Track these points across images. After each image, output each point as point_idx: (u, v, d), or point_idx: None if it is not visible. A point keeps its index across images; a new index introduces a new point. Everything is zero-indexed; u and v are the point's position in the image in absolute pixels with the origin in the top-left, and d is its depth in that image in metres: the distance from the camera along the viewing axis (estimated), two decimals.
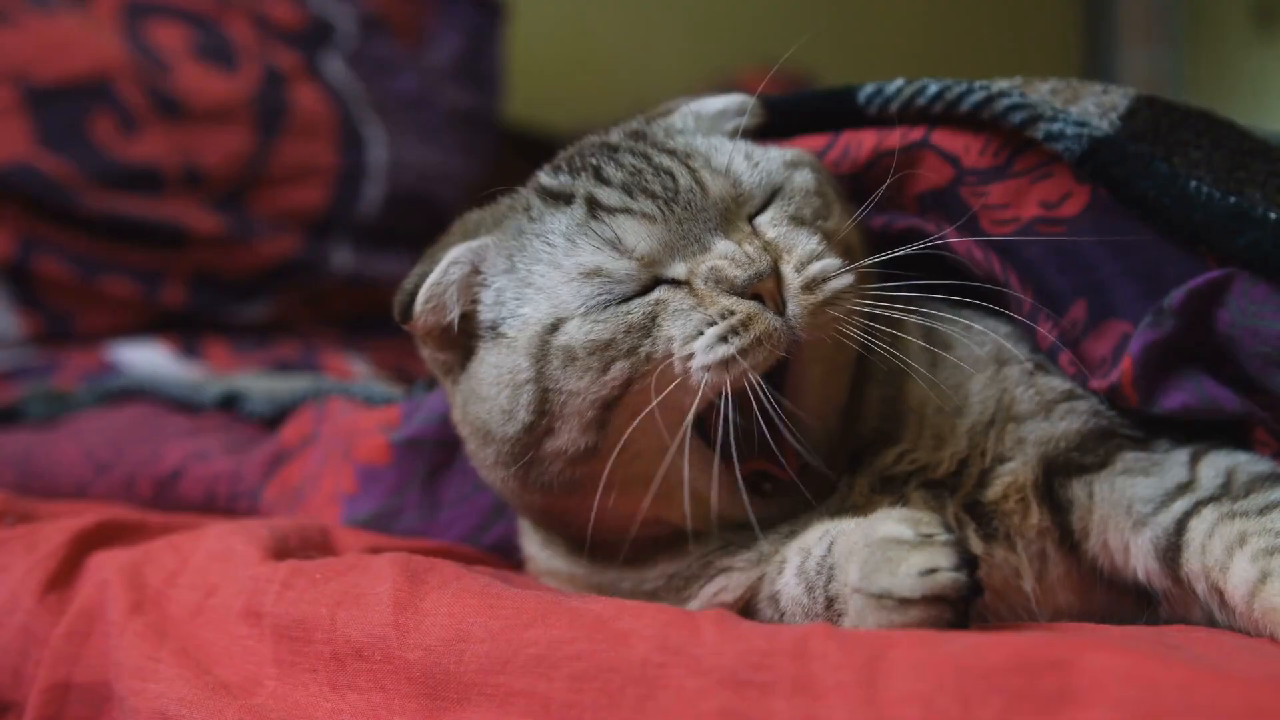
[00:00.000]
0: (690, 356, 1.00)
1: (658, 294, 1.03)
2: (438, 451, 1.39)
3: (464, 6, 3.21)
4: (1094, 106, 1.12)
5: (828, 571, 0.99)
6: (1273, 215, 1.02)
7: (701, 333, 1.00)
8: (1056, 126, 1.09)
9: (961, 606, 0.88)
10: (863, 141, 1.19)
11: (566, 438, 1.05)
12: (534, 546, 1.24)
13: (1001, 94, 1.12)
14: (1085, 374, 1.11)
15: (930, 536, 0.90)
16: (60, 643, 1.18)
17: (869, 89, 1.20)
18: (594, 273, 1.04)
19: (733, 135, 1.18)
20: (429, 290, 1.11)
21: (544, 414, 1.05)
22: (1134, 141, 1.09)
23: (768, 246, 1.04)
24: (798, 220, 1.08)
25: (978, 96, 1.13)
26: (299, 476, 1.52)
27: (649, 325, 1.02)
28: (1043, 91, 1.14)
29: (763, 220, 1.08)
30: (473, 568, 1.14)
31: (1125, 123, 1.11)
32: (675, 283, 1.04)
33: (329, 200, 2.69)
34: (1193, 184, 1.05)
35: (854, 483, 1.10)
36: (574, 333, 1.03)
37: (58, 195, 2.41)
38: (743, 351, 0.98)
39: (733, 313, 0.99)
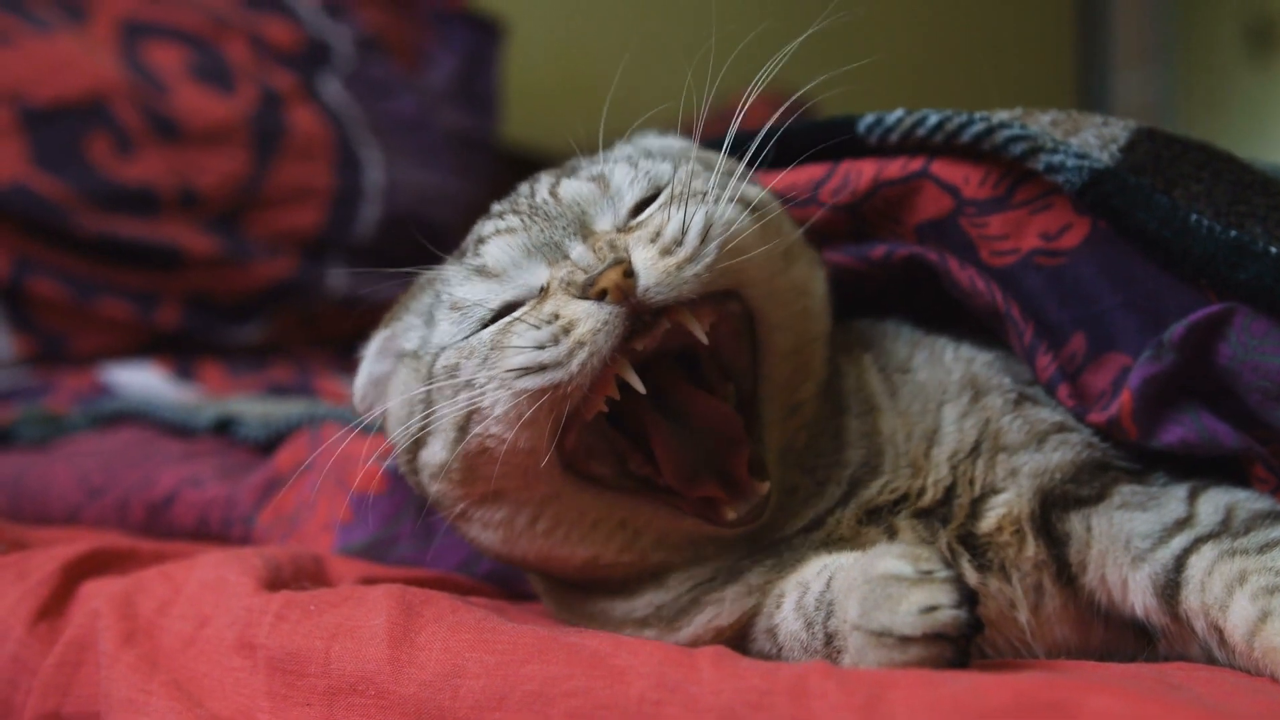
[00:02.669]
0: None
1: (516, 313, 1.03)
2: None
3: (461, 28, 3.22)
4: (1094, 138, 1.12)
5: (826, 607, 0.98)
6: (1274, 250, 1.01)
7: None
8: (1057, 158, 1.09)
9: (962, 644, 0.87)
10: (862, 171, 1.19)
11: (430, 450, 1.08)
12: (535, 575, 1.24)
13: (1002, 125, 1.12)
14: (1084, 406, 1.11)
15: (930, 573, 0.89)
16: (50, 673, 1.17)
17: (869, 119, 1.20)
18: (457, 305, 1.07)
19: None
20: (360, 392, 1.21)
21: (425, 429, 1.07)
22: (1134, 174, 1.09)
23: (621, 236, 1.03)
24: (678, 199, 1.03)
25: (978, 128, 1.13)
26: (293, 504, 1.51)
27: (485, 351, 1.02)
28: (1043, 123, 1.14)
29: (641, 216, 1.07)
30: (468, 599, 1.13)
31: (1126, 155, 1.10)
32: (543, 290, 1.04)
33: (325, 222, 2.69)
34: (1193, 217, 1.05)
35: (841, 516, 1.09)
36: (441, 360, 1.06)
37: (53, 216, 2.40)
38: (557, 361, 0.96)
39: (557, 316, 0.98)
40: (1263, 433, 1.03)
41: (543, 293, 1.03)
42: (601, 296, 0.96)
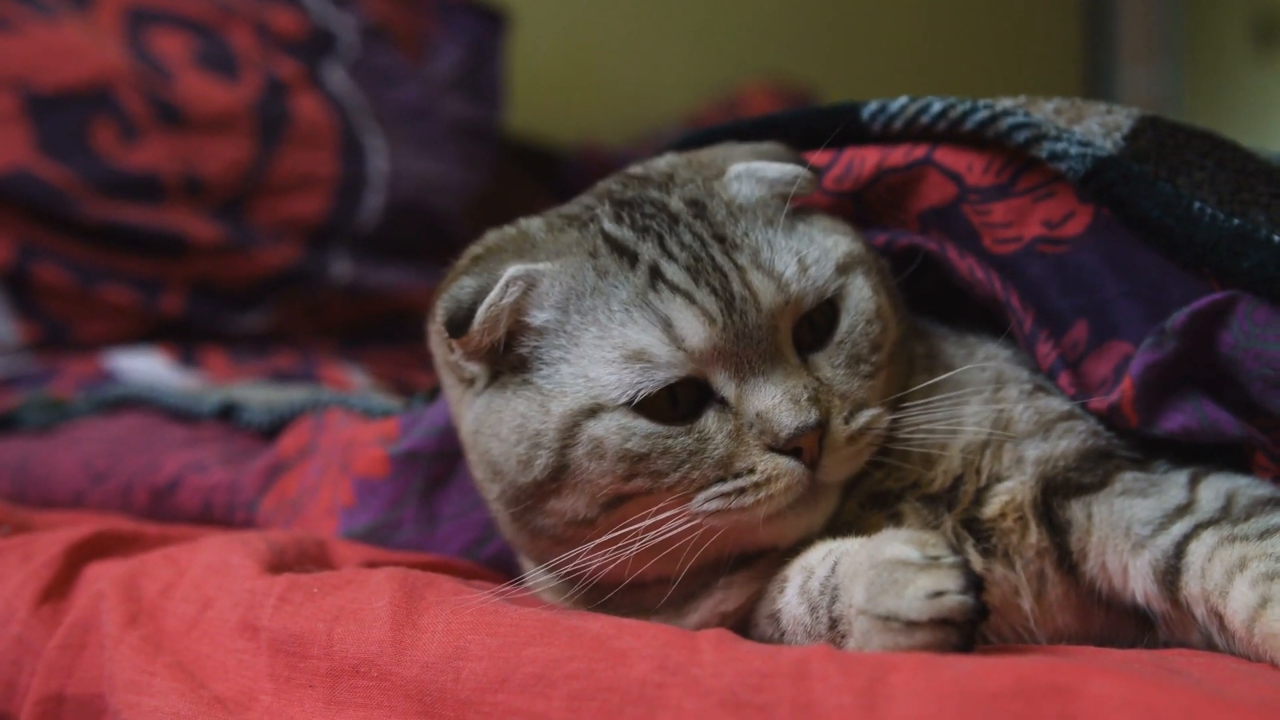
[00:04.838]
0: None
1: (704, 421, 1.02)
2: (436, 465, 1.38)
3: (466, 17, 3.21)
4: (1098, 126, 1.12)
5: (831, 592, 0.98)
6: (1276, 238, 1.01)
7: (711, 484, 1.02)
8: (1060, 146, 1.09)
9: (968, 629, 0.88)
10: (866, 158, 1.19)
11: (571, 504, 1.05)
12: (535, 571, 1.24)
13: (1005, 113, 1.12)
14: (1085, 394, 1.11)
15: (937, 558, 0.90)
16: (54, 654, 1.18)
17: (873, 106, 1.20)
18: (637, 355, 1.01)
19: (782, 199, 1.11)
20: (488, 310, 1.05)
21: (556, 480, 1.04)
22: (1138, 162, 1.09)
23: (820, 392, 1.03)
24: (855, 359, 1.06)
25: (981, 115, 1.13)
26: (296, 488, 1.52)
27: (684, 456, 1.01)
28: (1046, 111, 1.14)
29: (820, 357, 1.06)
30: (471, 583, 1.14)
31: (1129, 143, 1.11)
32: (723, 403, 1.02)
33: (329, 210, 2.68)
34: (1196, 205, 1.05)
35: (845, 502, 1.09)
36: (610, 430, 1.01)
37: (57, 202, 2.40)
38: (742, 508, 1.01)
39: (751, 471, 1.01)
40: (1264, 421, 1.04)
41: (723, 406, 1.02)
42: (793, 449, 1.01)
